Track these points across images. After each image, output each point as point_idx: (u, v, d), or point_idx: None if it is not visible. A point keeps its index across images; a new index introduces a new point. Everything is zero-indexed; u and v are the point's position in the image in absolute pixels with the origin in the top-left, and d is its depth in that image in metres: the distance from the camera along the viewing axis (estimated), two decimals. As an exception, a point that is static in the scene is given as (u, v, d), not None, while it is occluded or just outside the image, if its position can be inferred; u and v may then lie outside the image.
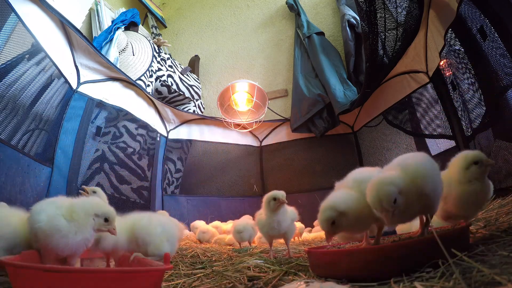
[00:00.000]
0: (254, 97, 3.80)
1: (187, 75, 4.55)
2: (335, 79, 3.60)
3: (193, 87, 4.54)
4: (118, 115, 3.02)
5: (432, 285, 0.68)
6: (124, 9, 4.25)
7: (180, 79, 4.35)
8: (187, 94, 4.40)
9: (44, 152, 2.16)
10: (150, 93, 3.60)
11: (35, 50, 2.04)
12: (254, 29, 5.08)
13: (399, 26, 2.14)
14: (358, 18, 3.71)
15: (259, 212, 1.59)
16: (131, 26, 4.09)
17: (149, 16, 5.28)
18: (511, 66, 1.59)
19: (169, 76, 4.16)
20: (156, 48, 4.23)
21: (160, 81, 4.05)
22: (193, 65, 5.02)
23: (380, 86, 2.94)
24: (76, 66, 2.52)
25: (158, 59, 4.13)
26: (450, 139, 2.30)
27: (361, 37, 3.26)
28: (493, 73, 1.71)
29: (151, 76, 3.88)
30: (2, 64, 1.76)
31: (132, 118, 3.15)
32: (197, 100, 4.59)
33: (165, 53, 4.44)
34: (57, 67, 2.26)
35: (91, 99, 2.63)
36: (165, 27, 5.63)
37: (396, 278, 0.76)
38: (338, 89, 3.47)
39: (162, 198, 3.42)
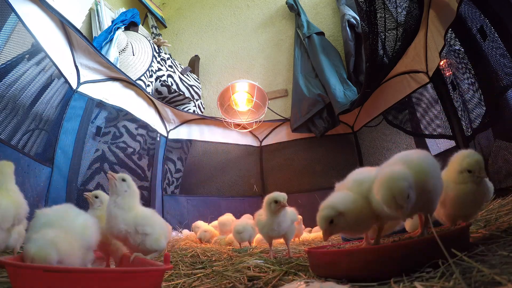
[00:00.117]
0: (254, 97, 3.79)
1: (187, 75, 4.55)
2: (335, 79, 3.60)
3: (193, 87, 4.54)
4: (118, 115, 3.02)
5: (432, 285, 0.68)
6: (124, 9, 4.25)
7: (180, 79, 4.35)
8: (187, 94, 4.40)
9: (44, 152, 2.16)
10: (150, 93, 3.59)
11: (35, 50, 2.04)
12: (254, 29, 5.08)
13: (399, 26, 2.14)
14: (358, 18, 3.71)
15: (259, 213, 1.58)
16: (131, 26, 4.09)
17: (149, 16, 5.28)
18: (511, 66, 1.59)
19: (169, 76, 4.16)
20: (156, 48, 4.23)
21: (160, 81, 4.04)
22: (193, 65, 5.02)
23: (380, 86, 2.94)
24: (76, 66, 2.52)
25: (158, 59, 4.12)
26: (450, 139, 2.30)
27: (361, 37, 3.26)
28: (493, 73, 1.71)
29: (151, 76, 3.88)
30: (2, 64, 1.75)
31: (132, 118, 3.15)
32: (197, 100, 4.59)
33: (165, 53, 4.44)
34: (57, 67, 2.26)
35: (91, 99, 2.63)
36: (165, 27, 5.63)
37: (396, 278, 0.76)
38: (338, 89, 3.47)
39: (162, 198, 3.42)
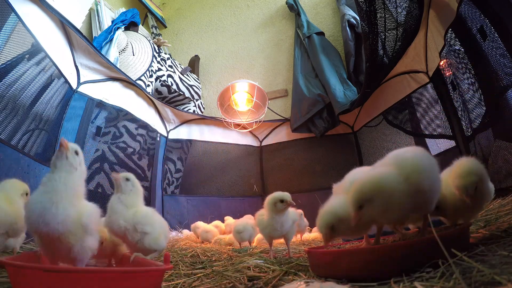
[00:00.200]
0: (254, 97, 3.79)
1: (187, 75, 4.55)
2: (335, 79, 3.59)
3: (193, 87, 4.54)
4: (118, 115, 3.02)
5: (432, 285, 0.68)
6: (124, 9, 4.25)
7: (180, 79, 4.35)
8: (187, 94, 4.40)
9: (44, 152, 2.15)
10: (150, 93, 3.59)
11: (35, 50, 2.04)
12: (254, 29, 5.08)
13: (399, 26, 2.14)
14: (358, 18, 3.71)
15: (260, 213, 1.55)
16: (131, 26, 4.09)
17: (149, 16, 5.28)
18: (511, 66, 1.59)
19: (169, 76, 4.16)
20: (156, 48, 4.23)
21: (160, 81, 4.04)
22: (193, 65, 5.02)
23: (380, 86, 2.94)
24: (76, 66, 2.52)
25: (158, 59, 4.12)
26: (450, 139, 2.30)
27: (361, 37, 3.26)
28: (493, 73, 1.71)
29: (151, 76, 3.88)
30: (2, 64, 1.75)
31: (132, 118, 3.15)
32: (197, 100, 4.59)
33: (165, 53, 4.44)
34: (57, 67, 2.26)
35: (91, 99, 2.63)
36: (165, 27, 5.63)
37: (396, 278, 0.76)
38: (338, 89, 3.47)
39: (162, 198, 3.42)
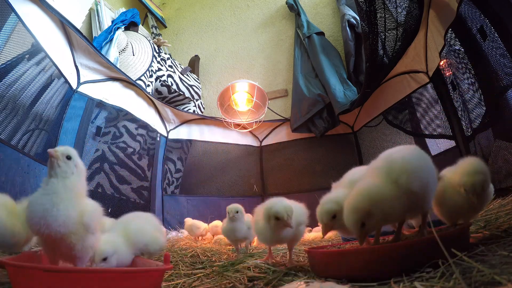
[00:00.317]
0: (254, 97, 3.79)
1: (187, 75, 4.55)
2: (335, 79, 3.59)
3: (193, 87, 4.54)
4: (118, 115, 3.02)
5: (432, 285, 0.68)
6: (124, 9, 4.25)
7: (180, 79, 4.35)
8: (187, 94, 4.40)
9: (44, 152, 2.15)
10: (150, 93, 3.59)
11: (35, 50, 2.04)
12: (254, 29, 5.08)
13: (399, 26, 2.14)
14: (358, 18, 3.71)
15: (256, 215, 1.31)
16: (131, 26, 4.09)
17: (149, 16, 5.28)
18: (511, 66, 1.59)
19: (169, 76, 4.16)
20: (156, 48, 4.23)
21: (160, 81, 4.04)
22: (193, 65, 5.02)
23: (380, 86, 2.94)
24: (76, 66, 2.52)
25: (158, 59, 4.12)
26: (450, 139, 2.30)
27: (361, 37, 3.26)
28: (493, 73, 1.71)
29: (151, 76, 3.88)
30: (2, 64, 1.75)
31: (132, 118, 3.15)
32: (197, 100, 4.59)
33: (165, 53, 4.44)
34: (57, 67, 2.26)
35: (91, 99, 2.63)
36: (165, 27, 5.63)
37: (396, 278, 0.76)
38: (338, 89, 3.47)
39: (162, 198, 3.42)
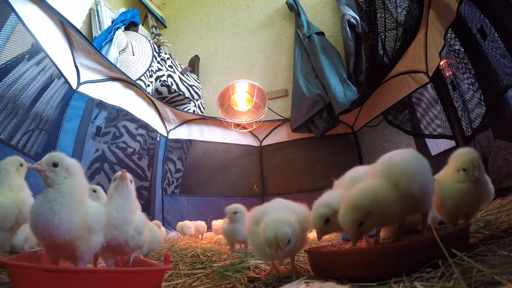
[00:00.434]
0: (254, 97, 3.79)
1: (187, 75, 4.55)
2: (335, 79, 3.60)
3: (193, 87, 4.54)
4: (118, 115, 3.02)
5: (432, 285, 0.68)
6: (124, 9, 4.25)
7: (180, 79, 4.35)
8: (187, 94, 4.40)
9: (44, 152, 2.14)
10: (150, 93, 3.60)
11: (35, 50, 2.04)
12: (254, 29, 5.08)
13: (399, 26, 2.14)
14: (358, 18, 3.71)
15: (253, 227, 1.05)
16: (131, 26, 4.09)
17: (149, 16, 5.28)
18: (511, 66, 1.59)
19: (169, 76, 4.16)
20: (156, 48, 4.23)
21: (160, 81, 4.04)
22: (193, 65, 5.02)
23: (380, 86, 2.94)
24: (76, 66, 2.52)
25: (158, 59, 4.12)
26: (450, 139, 2.30)
27: (361, 37, 3.26)
28: (493, 73, 1.71)
29: (151, 76, 3.88)
30: (2, 64, 1.76)
31: (132, 118, 3.15)
32: (197, 100, 4.59)
33: (165, 53, 4.44)
34: (57, 67, 2.26)
35: (91, 99, 2.63)
36: (165, 27, 5.63)
37: (396, 278, 0.76)
38: (338, 89, 3.47)
39: (162, 198, 3.42)
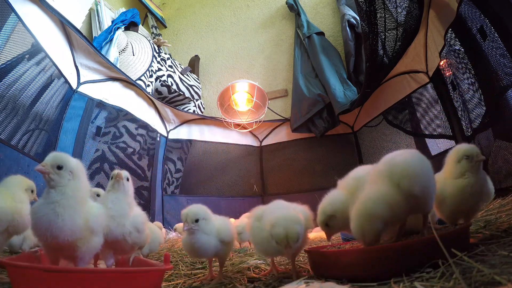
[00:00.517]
0: (254, 97, 3.79)
1: (187, 75, 4.55)
2: (335, 79, 3.60)
3: (193, 87, 4.54)
4: (118, 115, 3.02)
5: (432, 285, 0.68)
6: (124, 9, 4.25)
7: (180, 79, 4.35)
8: (187, 94, 4.40)
9: (44, 152, 2.15)
10: (150, 93, 3.59)
11: (35, 50, 2.04)
12: (254, 29, 5.08)
13: (399, 26, 2.14)
14: (358, 18, 3.71)
15: (255, 223, 1.06)
16: (131, 26, 4.09)
17: (149, 16, 5.28)
18: (511, 66, 1.59)
19: (169, 76, 4.16)
20: (156, 48, 4.23)
21: (160, 81, 4.04)
22: (193, 65, 5.02)
23: (380, 86, 2.94)
24: (76, 66, 2.52)
25: (158, 59, 4.12)
26: (450, 139, 2.30)
27: (361, 37, 3.26)
28: (493, 73, 1.71)
29: (151, 76, 3.88)
30: (2, 64, 1.76)
31: (132, 118, 3.14)
32: (197, 100, 4.59)
33: (165, 53, 4.44)
34: (57, 67, 2.26)
35: (91, 99, 2.63)
36: (165, 27, 5.63)
37: (396, 278, 0.76)
38: (338, 89, 3.47)
39: (162, 198, 3.42)
